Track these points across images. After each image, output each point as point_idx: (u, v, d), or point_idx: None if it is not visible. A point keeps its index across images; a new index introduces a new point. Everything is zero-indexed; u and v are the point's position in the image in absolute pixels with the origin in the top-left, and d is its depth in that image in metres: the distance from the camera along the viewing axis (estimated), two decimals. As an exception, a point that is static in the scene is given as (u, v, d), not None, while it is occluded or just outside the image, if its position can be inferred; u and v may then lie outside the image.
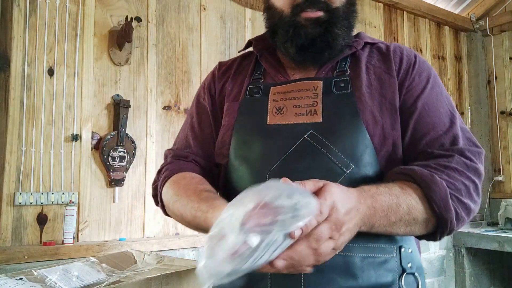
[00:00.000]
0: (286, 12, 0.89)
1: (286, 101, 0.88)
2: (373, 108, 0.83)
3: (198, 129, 0.99)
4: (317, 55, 0.89)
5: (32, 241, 1.96)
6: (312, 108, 0.84)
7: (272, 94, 0.90)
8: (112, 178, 2.17)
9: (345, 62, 0.91)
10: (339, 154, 0.79)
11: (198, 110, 1.01)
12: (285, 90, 0.90)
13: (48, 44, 2.08)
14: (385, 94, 0.85)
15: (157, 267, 1.15)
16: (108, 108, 2.24)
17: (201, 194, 0.82)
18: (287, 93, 0.89)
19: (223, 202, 0.77)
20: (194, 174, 0.91)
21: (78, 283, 0.96)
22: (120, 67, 2.29)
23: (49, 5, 2.09)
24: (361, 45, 0.93)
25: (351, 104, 0.83)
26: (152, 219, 2.32)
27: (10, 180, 1.93)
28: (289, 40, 0.88)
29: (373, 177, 0.80)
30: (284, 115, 0.86)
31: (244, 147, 0.88)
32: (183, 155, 0.96)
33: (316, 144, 0.81)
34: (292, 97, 0.88)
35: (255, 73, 0.97)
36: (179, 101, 2.49)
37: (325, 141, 0.80)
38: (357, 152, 0.79)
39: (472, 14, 4.07)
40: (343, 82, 0.87)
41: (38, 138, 2.01)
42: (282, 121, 0.86)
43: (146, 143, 2.35)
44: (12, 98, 1.96)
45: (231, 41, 2.75)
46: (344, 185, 0.76)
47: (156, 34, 2.44)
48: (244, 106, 0.92)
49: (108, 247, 2.05)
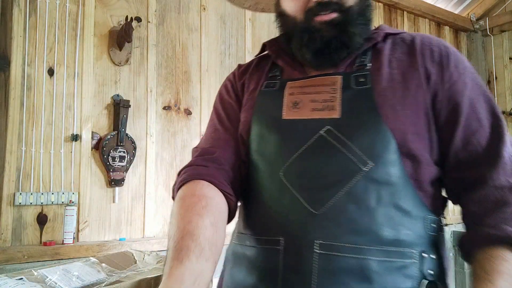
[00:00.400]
0: (299, 18, 0.86)
1: (303, 95, 0.85)
2: (395, 103, 0.78)
3: (222, 127, 0.95)
4: (335, 56, 0.85)
5: (32, 241, 1.96)
6: (329, 104, 0.81)
7: (289, 88, 0.88)
8: (112, 178, 2.17)
9: (366, 55, 0.87)
10: (356, 151, 0.75)
11: (223, 106, 0.99)
12: (303, 85, 0.87)
13: (48, 44, 2.08)
14: (409, 89, 0.79)
15: (157, 267, 1.15)
16: (108, 108, 2.24)
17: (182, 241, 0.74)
18: (304, 88, 0.86)
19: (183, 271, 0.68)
20: (204, 191, 0.82)
21: (78, 283, 0.96)
22: (120, 67, 2.29)
23: (49, 5, 2.09)
24: (381, 36, 0.88)
25: (371, 99, 0.78)
26: (152, 219, 2.32)
27: (10, 180, 1.93)
28: (304, 45, 0.85)
29: (397, 177, 0.75)
30: (301, 110, 0.83)
31: (261, 142, 0.86)
32: (205, 156, 0.91)
33: (333, 140, 0.77)
34: (309, 92, 0.85)
35: (272, 71, 0.95)
36: (179, 101, 2.49)
37: (342, 137, 0.76)
38: (376, 149, 0.75)
39: (472, 14, 4.07)
40: (363, 76, 0.83)
41: (38, 138, 2.01)
42: (298, 116, 0.83)
43: (146, 143, 2.35)
44: (12, 98, 1.96)
45: (231, 41, 2.75)
46: (362, 183, 0.73)
47: (156, 34, 2.44)
48: (260, 99, 0.90)
49: (108, 247, 2.05)
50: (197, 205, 0.79)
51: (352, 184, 0.74)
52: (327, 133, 0.78)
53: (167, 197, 2.40)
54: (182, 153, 2.48)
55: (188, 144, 2.50)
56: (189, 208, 0.78)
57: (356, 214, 0.73)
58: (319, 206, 0.74)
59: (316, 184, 0.76)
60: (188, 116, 2.52)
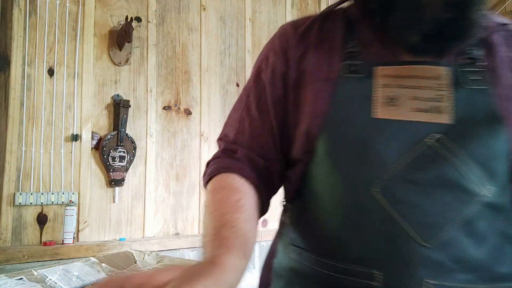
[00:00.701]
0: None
1: (401, 89, 0.67)
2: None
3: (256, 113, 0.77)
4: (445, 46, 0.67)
5: (32, 241, 1.96)
6: (437, 104, 0.64)
7: (381, 76, 0.68)
8: (112, 178, 2.17)
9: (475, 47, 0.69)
10: (475, 169, 0.60)
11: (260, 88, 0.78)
12: (398, 74, 0.68)
13: (48, 44, 2.08)
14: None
15: (157, 267, 1.15)
16: (108, 108, 2.24)
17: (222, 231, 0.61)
18: (402, 79, 0.68)
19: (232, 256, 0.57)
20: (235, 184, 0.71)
21: (78, 283, 0.96)
22: (120, 67, 2.29)
23: (49, 5, 2.09)
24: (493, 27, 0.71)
25: (492, 105, 0.63)
26: (152, 219, 2.32)
27: (10, 180, 1.93)
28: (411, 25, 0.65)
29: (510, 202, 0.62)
30: (399, 108, 0.66)
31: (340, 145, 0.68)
32: (232, 148, 0.77)
33: (447, 153, 0.61)
34: (408, 85, 0.67)
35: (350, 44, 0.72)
36: (179, 101, 2.49)
37: (458, 150, 0.61)
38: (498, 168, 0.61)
39: (472, 14, 4.07)
40: (478, 73, 0.66)
41: (38, 138, 2.01)
42: (395, 116, 0.65)
43: (146, 143, 2.35)
44: (12, 98, 1.96)
45: (231, 41, 2.75)
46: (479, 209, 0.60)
47: (156, 34, 2.44)
48: (342, 89, 0.69)
49: (108, 247, 2.05)
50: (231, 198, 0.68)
51: (468, 211, 0.60)
52: (438, 142, 0.62)
53: (167, 197, 2.40)
54: (182, 153, 2.48)
55: (188, 144, 2.50)
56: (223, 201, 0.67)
57: (469, 247, 0.60)
58: (429, 237, 0.60)
59: (425, 209, 0.60)
60: (188, 116, 2.52)
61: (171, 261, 1.22)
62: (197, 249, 2.37)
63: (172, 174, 2.43)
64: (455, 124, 0.62)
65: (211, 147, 2.60)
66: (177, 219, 2.43)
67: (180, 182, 2.45)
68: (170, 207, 2.41)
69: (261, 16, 2.91)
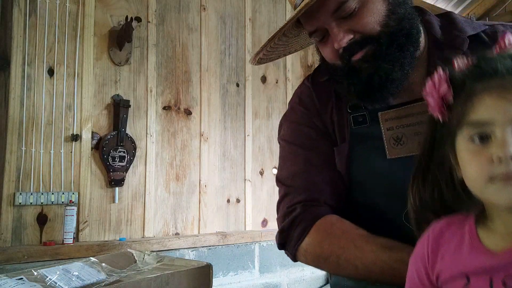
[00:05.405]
0: (337, 63, 0.79)
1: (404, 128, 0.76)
2: None
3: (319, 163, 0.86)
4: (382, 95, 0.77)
5: (32, 241, 1.96)
6: None
7: (384, 121, 0.79)
8: (112, 178, 2.17)
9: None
10: None
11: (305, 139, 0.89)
12: (399, 116, 0.78)
13: (48, 44, 2.08)
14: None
15: (157, 267, 1.15)
16: (108, 108, 2.24)
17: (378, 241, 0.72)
18: (402, 119, 0.77)
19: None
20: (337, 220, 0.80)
21: (78, 283, 0.96)
22: (120, 67, 2.29)
23: (49, 5, 2.09)
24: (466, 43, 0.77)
25: None
26: (152, 219, 2.32)
27: (10, 180, 1.93)
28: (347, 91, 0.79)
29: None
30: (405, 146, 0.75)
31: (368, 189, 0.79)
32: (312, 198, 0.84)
33: None
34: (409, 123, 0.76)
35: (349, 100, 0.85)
36: (179, 101, 2.49)
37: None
38: None
39: (472, 14, 4.07)
40: None
41: (38, 138, 2.01)
42: (405, 153, 0.75)
43: (146, 143, 2.35)
44: (12, 98, 1.96)
45: (231, 41, 2.75)
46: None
47: (156, 34, 2.44)
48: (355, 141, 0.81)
49: (108, 247, 2.05)
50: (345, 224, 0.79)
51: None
52: None
53: (167, 197, 2.40)
54: (182, 153, 2.48)
55: (188, 144, 2.50)
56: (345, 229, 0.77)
57: None
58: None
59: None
60: (188, 116, 2.52)
61: (171, 261, 1.21)
62: (197, 249, 2.37)
63: (172, 174, 2.43)
64: None
65: (211, 147, 2.60)
66: (177, 219, 2.42)
67: (180, 182, 2.45)
68: (170, 207, 2.41)
69: (261, 16, 2.91)
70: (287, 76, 3.00)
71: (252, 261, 2.58)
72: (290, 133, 0.93)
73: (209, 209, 2.54)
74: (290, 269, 2.73)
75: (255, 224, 2.73)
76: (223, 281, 2.42)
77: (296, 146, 0.90)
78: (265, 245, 2.65)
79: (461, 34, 0.80)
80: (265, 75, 2.90)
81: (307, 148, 0.88)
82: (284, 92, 2.97)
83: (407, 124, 0.76)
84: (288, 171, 0.90)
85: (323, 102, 0.89)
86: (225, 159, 2.65)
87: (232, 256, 2.50)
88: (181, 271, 1.12)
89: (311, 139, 0.88)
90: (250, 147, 2.76)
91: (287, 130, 0.94)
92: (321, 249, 0.79)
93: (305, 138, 0.89)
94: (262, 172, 2.81)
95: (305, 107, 0.91)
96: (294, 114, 0.94)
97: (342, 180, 0.85)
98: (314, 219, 0.81)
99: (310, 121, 0.89)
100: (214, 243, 2.43)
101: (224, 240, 2.47)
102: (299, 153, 0.89)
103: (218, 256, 2.43)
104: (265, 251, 2.64)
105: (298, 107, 0.93)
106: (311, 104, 0.90)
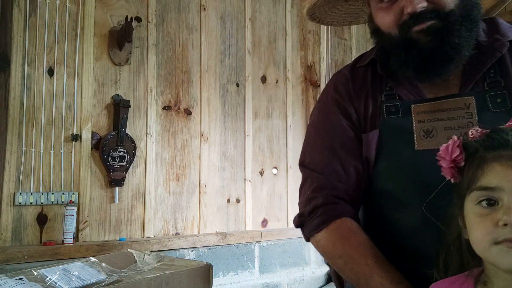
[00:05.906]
0: (393, 33, 0.80)
1: (435, 122, 0.78)
2: None
3: (342, 151, 0.88)
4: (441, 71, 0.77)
5: (32, 241, 1.96)
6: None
7: (416, 114, 0.80)
8: (112, 178, 2.17)
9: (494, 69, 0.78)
10: None
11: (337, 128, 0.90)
12: (431, 109, 0.79)
13: (48, 44, 2.08)
14: None
15: (157, 267, 1.15)
16: (108, 108, 2.24)
17: (388, 269, 0.74)
18: (434, 113, 0.79)
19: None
20: (357, 228, 0.82)
21: (78, 283, 0.96)
22: (120, 67, 2.29)
23: (49, 5, 2.09)
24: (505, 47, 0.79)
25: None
26: (152, 219, 2.32)
27: (10, 180, 1.93)
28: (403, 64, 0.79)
29: None
30: (434, 139, 0.77)
31: (393, 174, 0.80)
32: (333, 186, 0.86)
33: None
34: (441, 118, 0.78)
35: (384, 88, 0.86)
36: (179, 101, 2.49)
37: None
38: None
39: (472, 14, 4.07)
40: (499, 96, 0.75)
41: (38, 138, 2.01)
42: (433, 146, 0.76)
43: (146, 143, 2.35)
44: (12, 98, 1.96)
45: (231, 41, 2.75)
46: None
47: (156, 34, 2.44)
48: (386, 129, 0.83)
49: (108, 247, 2.05)
50: (362, 239, 0.80)
51: None
52: None
53: (167, 197, 2.40)
54: (182, 153, 2.48)
55: (188, 144, 2.50)
56: (359, 243, 0.79)
57: None
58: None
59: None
60: (188, 116, 2.52)
61: (171, 261, 1.21)
62: (197, 249, 2.37)
63: (172, 174, 2.43)
64: None
65: (211, 147, 2.60)
66: (177, 219, 2.43)
67: (180, 182, 2.45)
68: (170, 207, 2.41)
69: (261, 16, 2.91)
70: (287, 76, 3.00)
71: (252, 261, 2.58)
72: (318, 120, 0.95)
73: (209, 209, 2.55)
74: (290, 269, 2.73)
75: (255, 224, 2.73)
76: (223, 281, 2.42)
77: (324, 132, 0.92)
78: (265, 245, 2.65)
79: (502, 38, 0.81)
80: (265, 75, 2.90)
81: (333, 135, 0.90)
82: (284, 92, 2.97)
83: (438, 118, 0.78)
84: (312, 157, 0.92)
85: (358, 89, 0.90)
86: (225, 159, 2.65)
87: (232, 256, 2.50)
88: (181, 271, 1.12)
89: (338, 126, 0.90)
90: (250, 147, 2.76)
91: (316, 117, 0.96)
92: (333, 248, 0.82)
93: (332, 126, 0.91)
94: (262, 172, 2.81)
95: (338, 94, 0.93)
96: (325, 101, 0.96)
97: (365, 168, 0.86)
98: (334, 216, 0.84)
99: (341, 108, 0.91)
100: (214, 243, 2.43)
101: (224, 240, 2.47)
102: (325, 139, 0.91)
103: (218, 256, 2.43)
104: (265, 251, 2.64)
105: (331, 94, 0.94)
106: (345, 91, 0.92)
